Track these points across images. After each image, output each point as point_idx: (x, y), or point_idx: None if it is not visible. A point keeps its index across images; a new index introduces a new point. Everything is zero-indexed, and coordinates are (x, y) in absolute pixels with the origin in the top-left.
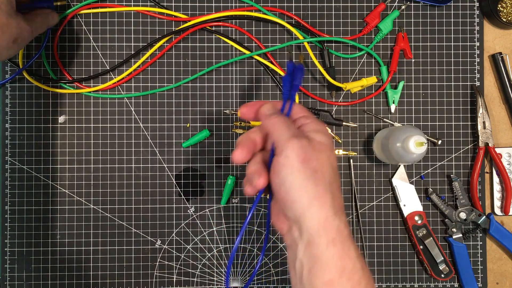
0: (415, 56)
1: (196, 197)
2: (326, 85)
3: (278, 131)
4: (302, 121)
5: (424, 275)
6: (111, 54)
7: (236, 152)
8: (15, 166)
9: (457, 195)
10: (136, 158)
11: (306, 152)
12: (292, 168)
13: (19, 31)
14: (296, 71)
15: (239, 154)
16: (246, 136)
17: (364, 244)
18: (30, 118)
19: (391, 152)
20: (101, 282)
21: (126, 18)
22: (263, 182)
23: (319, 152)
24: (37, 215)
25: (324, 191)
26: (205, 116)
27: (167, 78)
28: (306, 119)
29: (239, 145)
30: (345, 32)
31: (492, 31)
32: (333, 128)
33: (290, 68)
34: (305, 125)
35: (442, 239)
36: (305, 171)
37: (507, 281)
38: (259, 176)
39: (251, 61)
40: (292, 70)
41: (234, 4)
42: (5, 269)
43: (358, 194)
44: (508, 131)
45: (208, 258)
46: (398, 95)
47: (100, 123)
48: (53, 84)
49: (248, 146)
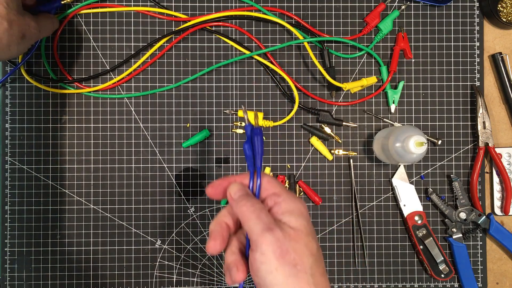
0: (415, 56)
1: (196, 197)
2: (326, 85)
3: (249, 221)
4: (273, 200)
5: (424, 275)
6: (111, 54)
7: (209, 244)
8: (15, 166)
9: (457, 195)
10: (136, 158)
11: (282, 246)
12: (270, 266)
13: (27, 27)
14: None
15: (212, 247)
16: (216, 222)
17: (364, 244)
18: (30, 118)
19: (391, 152)
20: (101, 282)
21: (126, 18)
22: (241, 276)
23: (296, 242)
24: (37, 215)
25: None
26: (205, 116)
27: (167, 78)
28: (277, 197)
29: (211, 236)
30: (345, 32)
31: (492, 31)
32: (333, 128)
33: (248, 131)
34: (277, 205)
35: (442, 239)
36: (284, 268)
37: (507, 281)
38: (237, 270)
39: (251, 61)
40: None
41: (234, 4)
42: (5, 269)
43: (358, 194)
44: (508, 131)
45: (208, 258)
46: (398, 95)
47: (100, 123)
48: (53, 84)
49: (221, 235)
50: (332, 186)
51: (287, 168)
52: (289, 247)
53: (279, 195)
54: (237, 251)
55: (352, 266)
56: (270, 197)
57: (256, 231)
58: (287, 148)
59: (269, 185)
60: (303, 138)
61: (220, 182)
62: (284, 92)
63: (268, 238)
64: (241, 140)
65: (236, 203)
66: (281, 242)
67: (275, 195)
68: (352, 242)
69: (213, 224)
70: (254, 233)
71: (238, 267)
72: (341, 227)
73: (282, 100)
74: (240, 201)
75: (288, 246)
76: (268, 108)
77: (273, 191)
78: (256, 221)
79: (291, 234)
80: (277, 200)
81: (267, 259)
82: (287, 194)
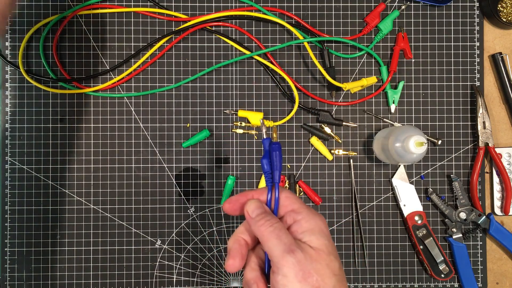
0: (415, 56)
1: (196, 197)
2: (326, 85)
3: (268, 242)
4: (292, 217)
5: (424, 275)
6: (111, 54)
7: (228, 263)
8: (15, 166)
9: (457, 195)
10: (136, 158)
11: (303, 268)
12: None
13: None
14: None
15: (232, 265)
16: (235, 240)
17: (364, 244)
18: (30, 118)
19: (391, 152)
20: (101, 282)
21: (126, 18)
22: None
23: (318, 262)
24: (37, 215)
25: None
26: (205, 116)
27: (167, 78)
28: (296, 215)
29: (230, 254)
30: (345, 32)
31: (492, 31)
32: (333, 128)
33: (266, 145)
34: (297, 224)
35: (442, 239)
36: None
37: (507, 281)
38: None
39: (251, 61)
40: (268, 149)
41: (234, 4)
42: (5, 269)
43: (358, 194)
44: (508, 131)
45: (208, 258)
46: (398, 95)
47: (100, 123)
48: (53, 84)
49: (240, 252)
50: (332, 186)
51: (287, 168)
52: (311, 269)
53: (298, 212)
54: (256, 268)
55: (352, 266)
56: (289, 214)
57: (276, 253)
58: (287, 148)
59: (288, 201)
60: (303, 138)
61: (237, 198)
62: (284, 92)
63: (290, 260)
64: (241, 140)
65: (254, 222)
66: (303, 264)
67: (294, 212)
68: (352, 242)
69: (231, 241)
70: (274, 255)
71: (258, 285)
72: (341, 227)
73: (282, 100)
74: (258, 221)
75: (310, 268)
76: (268, 108)
77: (292, 208)
78: (276, 242)
79: (312, 255)
80: (297, 217)
81: (289, 281)
82: (307, 211)
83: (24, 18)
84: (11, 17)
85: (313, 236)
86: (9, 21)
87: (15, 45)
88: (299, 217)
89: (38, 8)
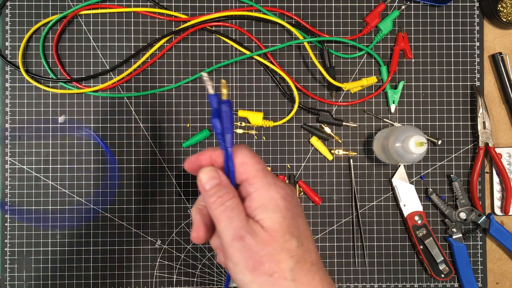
0: (415, 56)
1: (196, 197)
2: (326, 85)
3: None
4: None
5: (424, 275)
6: (111, 54)
7: (192, 236)
8: (15, 166)
9: (457, 195)
10: (136, 158)
11: (253, 257)
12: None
13: None
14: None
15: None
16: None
17: (364, 244)
18: (30, 118)
19: (391, 152)
20: (101, 282)
21: (126, 18)
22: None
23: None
24: (37, 215)
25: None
26: (205, 116)
27: (167, 78)
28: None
29: (194, 225)
30: (345, 32)
31: (492, 31)
32: (333, 128)
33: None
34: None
35: (442, 239)
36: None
37: (507, 281)
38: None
39: (251, 61)
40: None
41: (234, 4)
42: (5, 269)
43: (358, 194)
44: (508, 131)
45: (208, 258)
46: (398, 95)
47: (100, 123)
48: (53, 84)
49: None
50: (332, 186)
51: (287, 168)
52: (263, 255)
53: (251, 183)
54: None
55: (352, 266)
56: (244, 185)
57: (226, 239)
58: (287, 148)
59: (243, 168)
60: (303, 138)
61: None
62: (284, 92)
63: (238, 248)
64: (241, 140)
65: (207, 197)
66: (253, 251)
67: (247, 183)
68: (352, 242)
69: (194, 211)
70: (224, 240)
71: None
72: (341, 227)
73: (282, 100)
74: (210, 196)
75: (262, 255)
76: (268, 108)
77: (246, 177)
78: (226, 224)
79: (264, 238)
80: (250, 190)
81: (240, 271)
82: (262, 182)
83: (24, 18)
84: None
85: (265, 214)
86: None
87: (15, 45)
88: (251, 189)
89: (38, 8)
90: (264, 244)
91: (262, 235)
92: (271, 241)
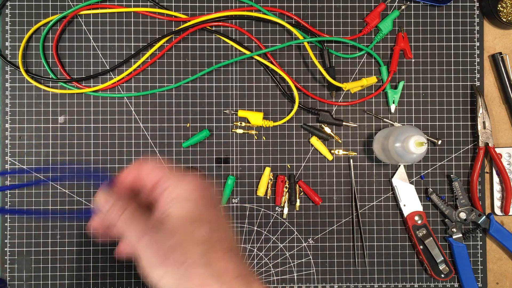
0: (415, 56)
1: None
2: (326, 85)
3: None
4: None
5: (424, 275)
6: (111, 54)
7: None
8: (15, 166)
9: (457, 195)
10: (136, 158)
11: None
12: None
13: None
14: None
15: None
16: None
17: (364, 244)
18: (30, 118)
19: (391, 152)
20: (101, 282)
21: (126, 18)
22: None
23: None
24: (37, 215)
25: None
26: (205, 116)
27: (167, 78)
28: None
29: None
30: (345, 32)
31: (492, 31)
32: (333, 128)
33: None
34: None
35: (442, 239)
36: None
37: (507, 281)
38: None
39: (251, 61)
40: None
41: (234, 4)
42: (5, 269)
43: (358, 194)
44: (508, 131)
45: None
46: (398, 95)
47: (100, 123)
48: (53, 84)
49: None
50: (332, 186)
51: (287, 168)
52: (172, 245)
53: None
54: None
55: (352, 266)
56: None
57: (133, 242)
58: (287, 148)
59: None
60: (303, 138)
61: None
62: (284, 92)
63: (144, 244)
64: (241, 140)
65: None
66: (160, 242)
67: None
68: (352, 242)
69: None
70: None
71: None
72: (341, 227)
73: (282, 100)
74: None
75: (170, 245)
76: (268, 108)
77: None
78: (130, 229)
79: (172, 228)
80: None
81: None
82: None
83: (24, 18)
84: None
85: (178, 205)
86: None
87: (15, 45)
88: (165, 185)
89: (38, 8)
90: (172, 234)
91: (169, 225)
92: (180, 229)
